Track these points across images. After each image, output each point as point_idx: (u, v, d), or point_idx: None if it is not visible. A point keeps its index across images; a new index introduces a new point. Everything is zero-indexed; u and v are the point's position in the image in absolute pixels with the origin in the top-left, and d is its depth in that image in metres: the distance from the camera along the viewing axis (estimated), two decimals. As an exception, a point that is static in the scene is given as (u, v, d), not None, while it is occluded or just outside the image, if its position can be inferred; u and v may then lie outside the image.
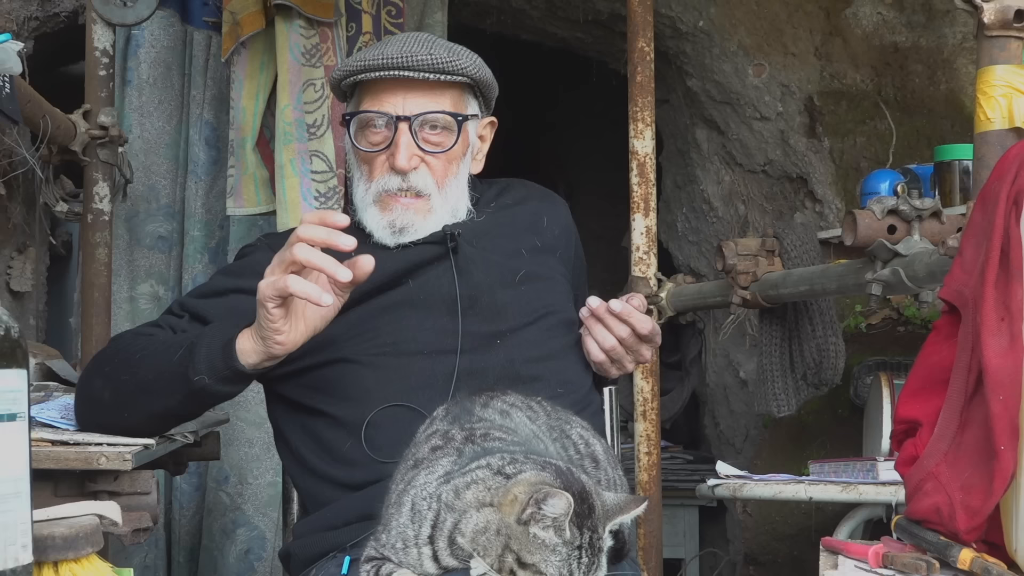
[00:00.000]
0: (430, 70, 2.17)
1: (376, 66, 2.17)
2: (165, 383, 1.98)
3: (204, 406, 2.07)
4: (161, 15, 3.93)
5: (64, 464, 1.91)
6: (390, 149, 2.18)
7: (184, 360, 1.95)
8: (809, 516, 4.03)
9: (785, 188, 4.48)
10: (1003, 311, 1.49)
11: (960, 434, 1.54)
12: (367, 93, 2.22)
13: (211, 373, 1.93)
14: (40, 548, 1.51)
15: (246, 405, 3.89)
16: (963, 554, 1.49)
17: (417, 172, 2.19)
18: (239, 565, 3.96)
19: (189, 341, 1.99)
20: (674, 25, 4.41)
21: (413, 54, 2.16)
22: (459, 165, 2.24)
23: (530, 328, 2.18)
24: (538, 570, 1.56)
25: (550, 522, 1.55)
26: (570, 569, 1.56)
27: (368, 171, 2.23)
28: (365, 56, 2.20)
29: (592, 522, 1.59)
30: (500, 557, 1.57)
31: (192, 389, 1.95)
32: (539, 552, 1.56)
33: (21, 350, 1.43)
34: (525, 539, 1.56)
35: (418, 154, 2.18)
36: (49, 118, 3.20)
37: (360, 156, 2.24)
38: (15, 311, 3.62)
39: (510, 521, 1.57)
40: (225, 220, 4.02)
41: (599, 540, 1.60)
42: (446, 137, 2.21)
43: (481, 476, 1.62)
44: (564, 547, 1.56)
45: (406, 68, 2.16)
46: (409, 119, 2.17)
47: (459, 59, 2.19)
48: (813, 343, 3.37)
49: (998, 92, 2.46)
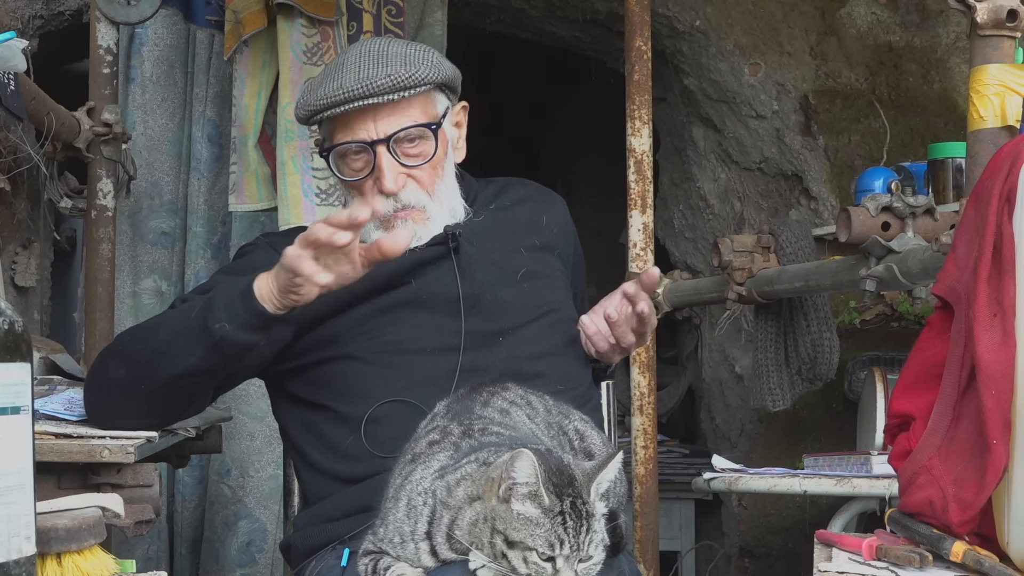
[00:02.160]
0: (392, 91, 2.12)
1: (338, 100, 2.12)
2: (184, 340, 1.96)
3: (223, 360, 2.00)
4: (164, 13, 3.95)
5: (67, 457, 1.91)
6: (374, 173, 2.16)
7: (202, 313, 1.95)
8: (804, 509, 4.04)
9: (780, 185, 4.50)
10: (996, 307, 1.49)
11: (953, 428, 1.55)
12: (336, 124, 2.18)
13: (232, 320, 1.92)
14: (43, 540, 1.51)
15: (247, 399, 3.91)
16: (956, 547, 1.50)
17: (406, 190, 2.17)
18: (241, 557, 3.97)
19: (206, 299, 1.98)
20: (671, 24, 4.42)
21: (372, 79, 2.11)
22: (444, 167, 2.22)
23: (531, 325, 2.19)
24: (526, 546, 1.56)
25: (526, 490, 1.56)
26: (558, 536, 1.56)
27: (360, 197, 2.19)
28: (325, 92, 2.14)
29: (573, 489, 1.59)
30: (490, 543, 1.58)
31: (213, 339, 1.93)
32: (524, 528, 1.56)
33: (25, 344, 1.44)
34: (509, 517, 1.57)
35: (403, 172, 2.16)
36: (53, 115, 3.22)
37: (347, 185, 2.22)
38: (19, 306, 3.63)
39: (493, 504, 1.58)
40: (227, 216, 4.04)
41: (583, 505, 1.60)
42: (425, 146, 2.18)
43: (470, 471, 1.64)
44: (546, 517, 1.56)
45: (368, 96, 2.11)
46: (384, 141, 2.14)
47: (417, 70, 2.14)
48: (808, 338, 3.38)
49: (991, 91, 2.48)
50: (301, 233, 1.91)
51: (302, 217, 3.50)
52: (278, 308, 1.93)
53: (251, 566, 3.98)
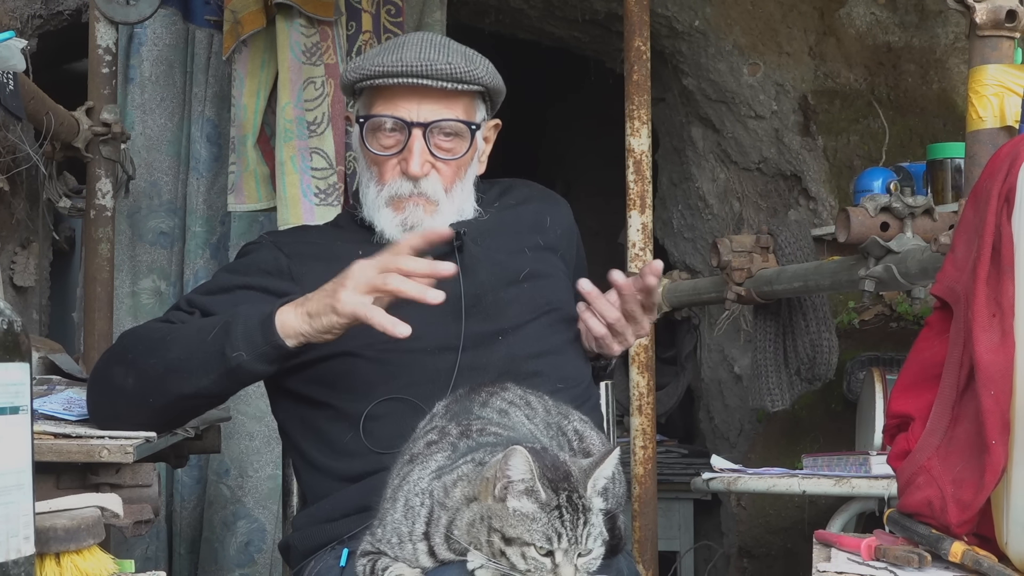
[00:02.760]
0: (448, 79, 2.15)
1: (395, 72, 2.14)
2: (198, 362, 1.96)
3: (236, 386, 2.03)
4: (163, 13, 3.95)
5: (66, 457, 1.91)
6: (402, 154, 2.17)
7: (219, 338, 1.94)
8: (802, 509, 4.04)
9: (779, 186, 4.50)
10: (994, 307, 1.48)
11: (952, 429, 1.54)
12: (380, 96, 2.19)
13: (249, 349, 1.92)
14: (42, 540, 1.51)
15: (246, 399, 3.91)
16: (954, 547, 1.49)
17: (428, 179, 2.18)
18: (239, 557, 3.97)
19: (223, 320, 1.97)
20: (670, 25, 4.42)
21: (432, 62, 2.13)
22: (467, 170, 2.24)
23: (531, 324, 2.19)
24: (524, 542, 1.55)
25: (522, 487, 1.55)
26: (556, 530, 1.56)
27: (379, 173, 2.21)
28: (383, 60, 2.16)
29: (569, 484, 1.59)
30: (488, 542, 1.57)
31: (228, 367, 1.93)
32: (520, 524, 1.55)
33: (24, 344, 1.43)
34: (505, 515, 1.56)
35: (430, 160, 2.18)
36: (52, 115, 3.21)
37: (370, 158, 2.22)
38: (18, 306, 3.63)
39: (490, 503, 1.58)
40: (226, 216, 4.03)
41: (580, 499, 1.59)
42: (458, 144, 2.20)
43: (466, 472, 1.64)
44: (543, 512, 1.56)
45: (425, 76, 2.13)
46: (424, 126, 2.16)
47: (476, 68, 2.18)
48: (807, 339, 3.38)
49: (990, 91, 2.48)
50: (361, 279, 1.92)
51: (301, 217, 3.50)
52: (301, 343, 1.94)
53: (250, 566, 3.98)
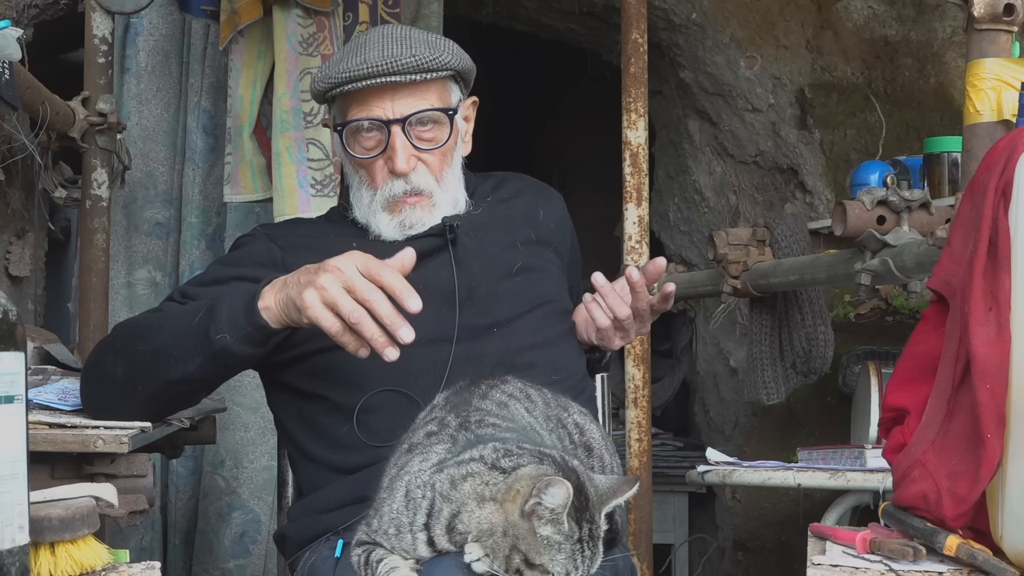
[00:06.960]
0: (415, 71, 2.14)
1: (362, 75, 2.13)
2: (184, 346, 1.95)
3: (223, 370, 2.01)
4: (159, 3, 3.95)
5: (61, 446, 1.90)
6: (386, 153, 2.17)
7: (204, 321, 1.93)
8: (797, 503, 4.04)
9: (776, 179, 4.50)
10: (991, 301, 1.48)
11: (947, 422, 1.54)
12: (353, 100, 2.19)
13: (233, 331, 1.91)
14: (36, 529, 1.50)
15: (242, 390, 3.91)
16: (949, 540, 1.49)
17: (416, 172, 2.18)
18: (234, 548, 3.98)
19: (208, 304, 1.97)
20: (667, 17, 4.42)
21: (396, 57, 2.13)
22: (453, 155, 2.24)
23: (525, 317, 2.19)
24: (545, 570, 1.57)
25: (550, 515, 1.56)
26: (575, 564, 1.57)
27: (368, 176, 2.21)
28: (348, 65, 2.15)
29: (589, 514, 1.60)
30: (507, 558, 1.57)
31: (213, 349, 1.92)
32: (546, 552, 1.56)
33: (19, 333, 1.43)
34: (532, 540, 1.57)
35: (415, 154, 2.18)
36: (48, 105, 3.21)
37: (355, 162, 2.22)
38: (13, 295, 3.62)
39: (515, 519, 1.58)
40: (222, 207, 4.03)
41: (596, 529, 1.61)
42: (439, 132, 2.20)
43: (476, 469, 1.63)
44: (567, 543, 1.57)
45: (392, 73, 2.13)
46: (401, 121, 2.16)
47: (441, 54, 2.17)
48: (803, 332, 3.38)
49: (987, 85, 2.48)
50: (333, 290, 1.84)
51: (297, 208, 3.50)
52: (285, 324, 1.92)
53: (245, 557, 3.98)
